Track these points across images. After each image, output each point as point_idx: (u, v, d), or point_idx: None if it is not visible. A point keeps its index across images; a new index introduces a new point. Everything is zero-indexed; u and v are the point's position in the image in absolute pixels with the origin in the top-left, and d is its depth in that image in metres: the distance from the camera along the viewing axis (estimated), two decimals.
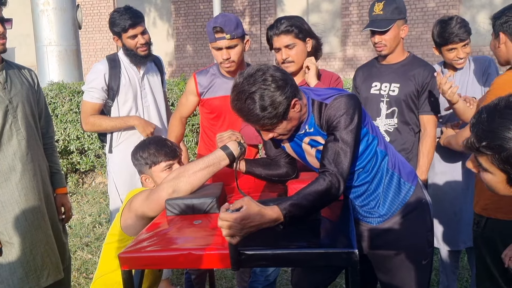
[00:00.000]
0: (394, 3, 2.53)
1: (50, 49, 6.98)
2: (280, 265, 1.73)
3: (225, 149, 1.92)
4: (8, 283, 2.25)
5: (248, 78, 1.64)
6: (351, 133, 1.68)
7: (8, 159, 2.26)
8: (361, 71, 2.79)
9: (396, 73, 2.61)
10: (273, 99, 1.61)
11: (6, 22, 2.24)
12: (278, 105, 1.62)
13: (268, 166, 2.05)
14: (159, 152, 2.14)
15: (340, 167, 1.66)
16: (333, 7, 12.10)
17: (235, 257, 1.45)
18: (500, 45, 2.21)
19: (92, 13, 14.08)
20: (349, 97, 1.72)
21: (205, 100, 2.70)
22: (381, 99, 2.62)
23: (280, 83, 1.63)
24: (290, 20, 2.42)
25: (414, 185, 1.96)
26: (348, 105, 1.69)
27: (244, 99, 1.63)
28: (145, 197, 1.96)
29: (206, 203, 1.85)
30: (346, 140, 1.68)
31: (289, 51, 2.42)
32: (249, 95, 1.62)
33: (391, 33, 2.54)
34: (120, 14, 2.78)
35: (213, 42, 2.55)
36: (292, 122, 1.72)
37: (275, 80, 1.62)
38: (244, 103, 1.63)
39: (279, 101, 1.62)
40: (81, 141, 5.66)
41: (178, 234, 1.69)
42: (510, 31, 2.17)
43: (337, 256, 1.48)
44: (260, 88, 1.61)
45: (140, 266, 1.58)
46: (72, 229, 4.60)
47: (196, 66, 13.16)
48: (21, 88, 2.36)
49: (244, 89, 1.63)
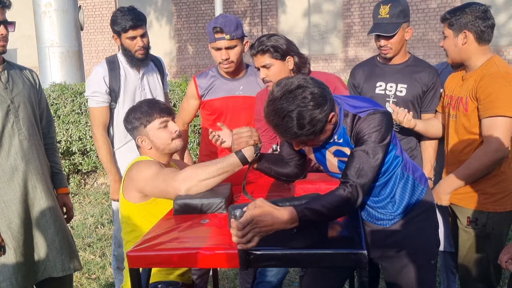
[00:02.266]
0: (399, 6, 2.50)
1: (52, 50, 6.99)
2: (289, 265, 1.74)
3: (241, 157, 1.91)
4: (11, 281, 2.26)
5: (287, 94, 1.60)
6: (380, 149, 1.68)
7: (11, 159, 2.27)
8: (362, 69, 2.75)
9: (401, 74, 2.60)
10: (312, 117, 1.59)
11: (9, 25, 2.26)
12: (317, 123, 1.61)
13: (278, 164, 2.04)
14: (152, 109, 2.11)
15: (363, 180, 1.65)
16: (334, 7, 12.10)
17: (244, 256, 1.46)
18: (464, 44, 2.25)
19: (94, 15, 14.10)
20: (384, 115, 1.71)
21: (206, 101, 2.71)
22: (387, 99, 2.61)
23: (319, 101, 1.60)
24: (268, 39, 2.35)
25: (426, 186, 1.98)
26: (383, 123, 1.68)
27: (282, 117, 1.59)
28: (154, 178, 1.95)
29: (215, 203, 1.86)
30: (374, 155, 1.67)
31: (266, 70, 2.35)
32: (287, 113, 1.58)
33: (397, 36, 2.52)
34: (123, 13, 2.79)
35: (212, 42, 2.57)
36: (326, 134, 1.72)
37: (315, 97, 1.59)
38: (282, 120, 1.60)
39: (318, 119, 1.61)
40: (83, 142, 5.67)
41: (186, 233, 1.69)
42: (476, 29, 2.21)
43: (345, 257, 1.48)
44: (299, 106, 1.58)
45: (147, 264, 1.58)
46: (74, 230, 4.60)
47: (197, 67, 13.18)
48: (22, 88, 2.37)
49: (283, 107, 1.59)
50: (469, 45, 2.25)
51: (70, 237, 2.54)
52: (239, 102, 2.70)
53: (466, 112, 2.25)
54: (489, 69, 2.20)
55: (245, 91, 2.70)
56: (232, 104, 2.70)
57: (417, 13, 11.16)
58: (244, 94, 2.70)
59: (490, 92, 2.13)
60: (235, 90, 2.70)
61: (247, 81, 2.73)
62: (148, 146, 2.15)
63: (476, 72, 2.26)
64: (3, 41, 2.25)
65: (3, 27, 2.22)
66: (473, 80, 2.24)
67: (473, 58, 2.28)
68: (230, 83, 2.72)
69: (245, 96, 2.69)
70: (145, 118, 2.11)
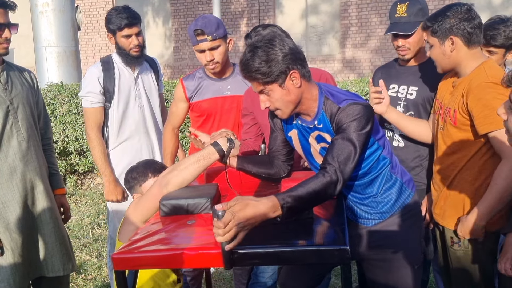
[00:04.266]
0: (418, 4, 2.40)
1: (49, 50, 6.98)
2: (272, 263, 1.74)
3: (215, 145, 1.96)
4: (9, 282, 2.26)
5: (264, 39, 1.74)
6: (359, 137, 1.69)
7: (9, 160, 2.28)
8: (380, 72, 2.69)
9: (414, 76, 2.50)
10: (271, 57, 1.68)
11: (12, 27, 2.26)
12: (274, 64, 1.68)
13: (259, 164, 2.09)
14: (147, 169, 2.21)
15: (343, 165, 1.66)
16: (332, 8, 12.11)
17: (227, 256, 1.46)
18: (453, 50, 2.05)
19: (91, 15, 14.09)
20: (364, 107, 1.73)
21: (194, 103, 2.71)
22: (398, 102, 2.52)
23: (284, 50, 1.70)
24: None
25: (413, 192, 2.00)
26: (362, 113, 1.71)
27: (247, 51, 1.73)
28: (137, 201, 1.99)
29: (201, 203, 1.85)
30: (354, 142, 1.68)
31: None
32: (253, 49, 1.71)
33: (416, 36, 2.39)
34: (117, 12, 2.79)
35: (195, 45, 2.58)
36: (289, 95, 1.75)
37: (283, 46, 1.70)
38: (246, 53, 1.73)
39: (277, 60, 1.68)
40: (80, 142, 5.66)
41: (172, 234, 1.69)
42: (463, 32, 2.03)
43: (329, 253, 1.48)
44: (265, 46, 1.70)
45: (134, 266, 1.57)
46: (70, 230, 4.60)
47: (194, 68, 13.12)
48: (21, 89, 2.37)
49: (252, 43, 1.74)
50: (459, 51, 2.05)
51: (66, 238, 2.54)
52: (227, 102, 2.69)
53: (455, 124, 2.10)
54: (477, 79, 2.01)
55: (233, 91, 2.69)
56: (221, 105, 2.69)
57: None
58: (232, 93, 2.69)
59: (483, 105, 1.96)
60: (222, 91, 2.70)
61: (234, 81, 2.72)
62: None
63: (464, 80, 2.08)
64: (6, 43, 2.26)
65: (7, 31, 2.23)
66: (461, 90, 2.07)
67: (463, 64, 2.09)
68: (218, 84, 2.71)
69: (233, 96, 2.69)
70: (140, 177, 2.19)
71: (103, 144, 2.91)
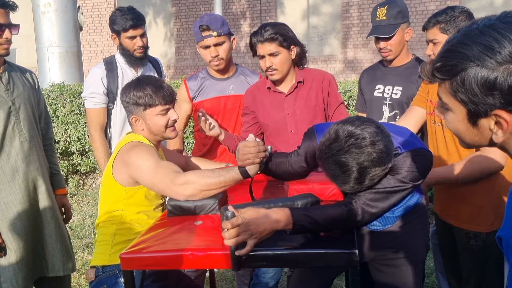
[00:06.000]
0: (397, 7, 2.50)
1: (51, 50, 6.98)
2: (280, 265, 1.74)
3: (244, 173, 1.84)
4: (12, 282, 2.27)
5: (353, 148, 1.53)
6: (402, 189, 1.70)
7: (11, 160, 2.28)
8: (366, 73, 2.79)
9: (399, 76, 2.59)
10: (373, 174, 1.57)
11: (12, 28, 2.26)
12: (376, 178, 1.60)
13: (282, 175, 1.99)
14: (156, 94, 2.01)
15: (369, 207, 1.65)
16: (333, 9, 12.11)
17: (235, 257, 1.46)
18: None
19: (93, 15, 14.10)
20: (424, 156, 1.71)
21: (197, 103, 2.71)
22: (384, 102, 2.61)
23: (383, 158, 1.56)
24: (275, 27, 2.35)
25: (422, 195, 1.99)
26: (420, 164, 1.68)
27: (343, 170, 1.56)
28: (152, 173, 1.89)
29: (208, 204, 1.85)
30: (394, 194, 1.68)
31: (273, 59, 2.36)
32: (350, 168, 1.55)
33: (396, 37, 2.51)
34: (122, 13, 2.79)
35: (200, 41, 2.58)
36: None
37: (380, 156, 1.55)
38: (342, 173, 1.57)
39: (380, 175, 1.61)
40: (82, 143, 5.66)
41: (180, 235, 1.69)
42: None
43: (337, 256, 1.48)
44: (363, 164, 1.54)
45: (141, 266, 1.58)
46: (72, 230, 4.60)
47: (196, 69, 13.17)
48: (23, 89, 2.37)
49: (347, 161, 1.54)
50: None
51: (67, 238, 2.54)
52: (230, 101, 2.70)
53: None
54: None
55: (236, 90, 2.70)
56: (224, 104, 2.70)
57: (416, 14, 11.18)
58: (235, 93, 2.70)
59: None
60: (225, 90, 2.70)
61: (237, 80, 2.73)
62: (141, 127, 2.08)
63: None
64: (7, 44, 2.25)
65: (8, 31, 2.23)
66: None
67: None
68: (221, 83, 2.72)
69: (236, 95, 2.69)
70: (147, 101, 2.01)
71: (106, 145, 2.90)
